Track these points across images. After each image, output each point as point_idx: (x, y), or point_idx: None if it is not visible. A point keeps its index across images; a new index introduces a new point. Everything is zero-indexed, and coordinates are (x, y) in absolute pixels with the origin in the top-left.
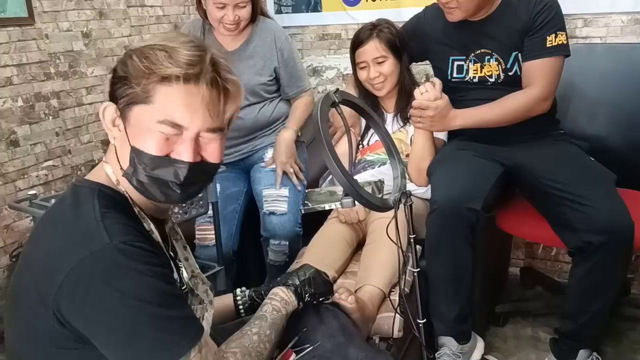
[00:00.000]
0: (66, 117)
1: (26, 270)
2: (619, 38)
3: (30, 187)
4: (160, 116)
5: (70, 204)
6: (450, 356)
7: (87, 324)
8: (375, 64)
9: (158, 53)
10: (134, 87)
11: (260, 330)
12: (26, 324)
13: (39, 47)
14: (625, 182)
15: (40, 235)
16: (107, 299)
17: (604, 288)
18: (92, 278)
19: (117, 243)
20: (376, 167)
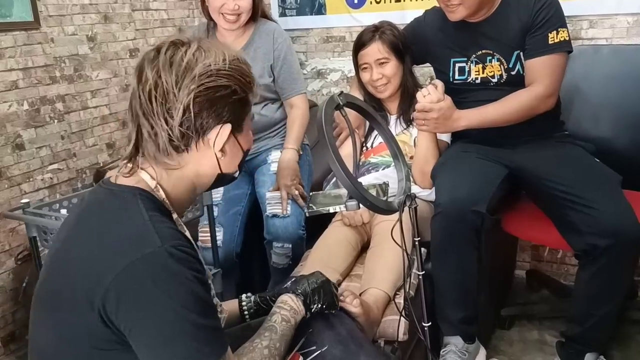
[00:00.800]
0: (71, 121)
1: (63, 273)
2: (625, 39)
3: (35, 190)
4: (251, 117)
5: (111, 205)
6: (456, 353)
7: (130, 324)
8: (377, 65)
9: (244, 66)
10: (248, 100)
11: (271, 344)
12: (63, 324)
13: (44, 51)
14: (631, 183)
15: (80, 237)
16: (154, 302)
17: (611, 291)
18: (143, 280)
19: (168, 247)
20: (380, 170)
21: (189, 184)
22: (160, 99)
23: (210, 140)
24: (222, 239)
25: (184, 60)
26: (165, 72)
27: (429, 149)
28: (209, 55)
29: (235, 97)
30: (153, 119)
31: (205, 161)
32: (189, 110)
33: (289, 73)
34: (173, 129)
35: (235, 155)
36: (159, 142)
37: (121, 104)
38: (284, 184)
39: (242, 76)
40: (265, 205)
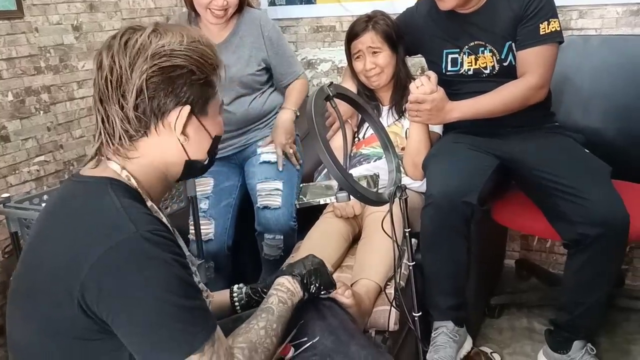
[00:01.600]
0: (57, 112)
1: (38, 267)
2: (614, 30)
3: (21, 182)
4: (220, 98)
5: (83, 196)
6: (446, 334)
7: (112, 312)
8: (370, 54)
9: (204, 48)
10: (210, 82)
11: (267, 324)
12: (43, 317)
13: (28, 40)
14: (620, 173)
15: (52, 230)
16: (133, 288)
17: (599, 279)
18: (120, 267)
19: (143, 232)
20: (372, 162)
21: (158, 174)
22: (115, 83)
23: (171, 124)
24: (214, 232)
25: (138, 42)
26: (119, 56)
27: (421, 141)
28: (165, 37)
29: (194, 77)
30: (108, 104)
31: (169, 147)
32: (142, 92)
33: (284, 58)
34: (128, 112)
35: (202, 141)
36: (114, 129)
37: None
38: (279, 142)
39: (201, 57)
40: (256, 196)
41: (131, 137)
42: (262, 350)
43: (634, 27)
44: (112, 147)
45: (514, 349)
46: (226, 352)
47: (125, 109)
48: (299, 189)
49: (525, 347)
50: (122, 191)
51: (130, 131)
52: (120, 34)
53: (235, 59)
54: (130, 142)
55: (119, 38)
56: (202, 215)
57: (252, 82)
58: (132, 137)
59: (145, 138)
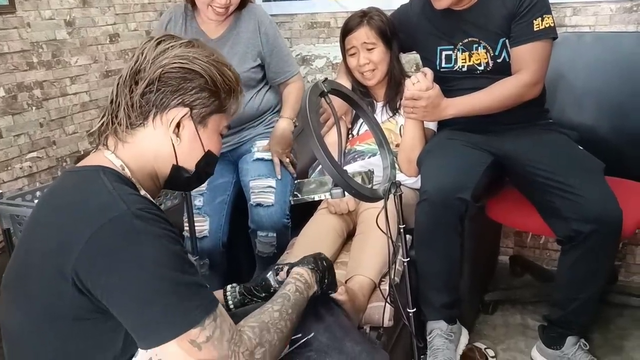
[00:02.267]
0: (50, 108)
1: (30, 253)
2: (608, 27)
3: (14, 179)
4: (227, 121)
5: (75, 184)
6: (442, 336)
7: (106, 289)
8: (365, 50)
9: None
10: (220, 99)
11: (282, 308)
12: (37, 302)
13: (20, 36)
14: (613, 170)
15: (47, 216)
16: (126, 264)
17: (593, 276)
18: (112, 243)
19: (135, 210)
20: (366, 158)
21: (149, 168)
22: (134, 70)
23: (169, 121)
24: (209, 229)
25: (169, 45)
26: (149, 50)
27: (415, 137)
28: (195, 48)
29: (206, 87)
30: (122, 88)
31: (162, 144)
32: (153, 82)
33: (280, 56)
34: (134, 97)
35: (193, 150)
36: (119, 110)
37: (102, 91)
38: (276, 151)
39: (221, 75)
40: (250, 194)
41: (132, 123)
42: (274, 330)
43: (628, 24)
44: (111, 126)
45: (508, 344)
46: (231, 327)
47: (133, 94)
48: (293, 186)
49: (519, 343)
50: (114, 177)
51: (132, 116)
52: (159, 36)
53: (231, 54)
54: (129, 128)
55: (155, 39)
56: (197, 212)
57: (247, 80)
58: (132, 124)
59: (142, 129)
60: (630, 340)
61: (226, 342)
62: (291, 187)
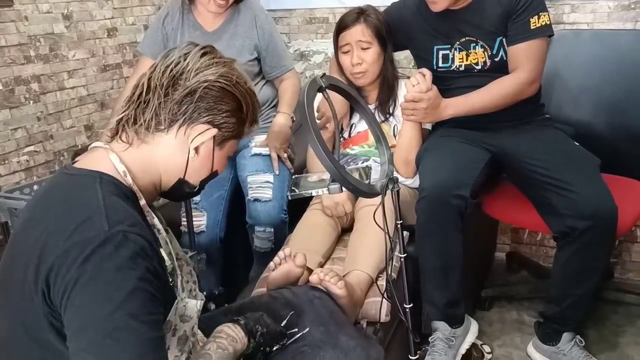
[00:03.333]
0: (47, 102)
1: (16, 257)
2: (606, 24)
3: (11, 173)
4: (237, 146)
5: (67, 189)
6: (443, 340)
7: (62, 304)
8: (359, 48)
9: (257, 102)
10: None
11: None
12: (17, 311)
13: (18, 29)
14: (609, 167)
15: (32, 222)
16: (80, 285)
17: (588, 272)
18: (76, 260)
19: (114, 232)
20: (359, 163)
21: (155, 174)
22: (173, 73)
23: (191, 135)
24: (206, 224)
25: (215, 59)
26: (192, 58)
27: (413, 138)
28: (237, 72)
29: (238, 114)
30: (155, 87)
31: (176, 155)
32: (192, 94)
33: (276, 51)
34: (169, 101)
35: (203, 168)
36: (147, 109)
37: (99, 85)
38: (273, 146)
39: (252, 105)
40: (247, 189)
41: (157, 124)
42: None
43: (625, 22)
44: (132, 126)
45: (504, 341)
46: None
47: (168, 97)
48: (291, 181)
49: (515, 339)
50: (111, 186)
51: (160, 118)
52: (202, 46)
53: (227, 47)
54: (150, 130)
55: (199, 47)
56: (194, 207)
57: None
58: (157, 126)
59: (163, 134)
60: (625, 336)
61: None
62: (289, 183)
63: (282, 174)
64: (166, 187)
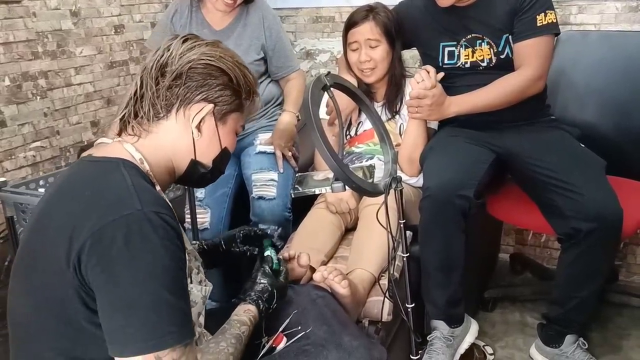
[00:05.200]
0: (54, 98)
1: (41, 237)
2: (613, 25)
3: (17, 168)
4: (242, 121)
5: (94, 174)
6: (441, 339)
7: (97, 283)
8: (367, 46)
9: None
10: (240, 99)
11: (236, 352)
12: (43, 288)
13: (26, 25)
14: (615, 169)
15: (58, 204)
16: (121, 264)
17: (592, 275)
18: (115, 239)
19: (148, 212)
20: (364, 161)
21: (167, 161)
22: (160, 63)
23: (191, 115)
24: (210, 221)
25: (196, 43)
26: (175, 46)
27: (419, 136)
28: (220, 49)
29: (230, 85)
30: (146, 79)
31: (181, 138)
32: (181, 76)
33: (283, 52)
34: (160, 89)
35: (211, 145)
36: (143, 101)
37: (106, 82)
38: (278, 144)
39: (244, 76)
40: (252, 187)
41: (156, 113)
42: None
43: (633, 24)
44: (135, 120)
45: (507, 342)
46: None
47: (159, 85)
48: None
49: (517, 341)
50: (134, 171)
51: (157, 107)
52: (184, 35)
53: (235, 46)
54: (151, 120)
55: (180, 37)
56: (198, 204)
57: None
58: (157, 114)
59: (164, 121)
60: (629, 340)
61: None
62: (293, 181)
63: (286, 172)
64: (181, 172)
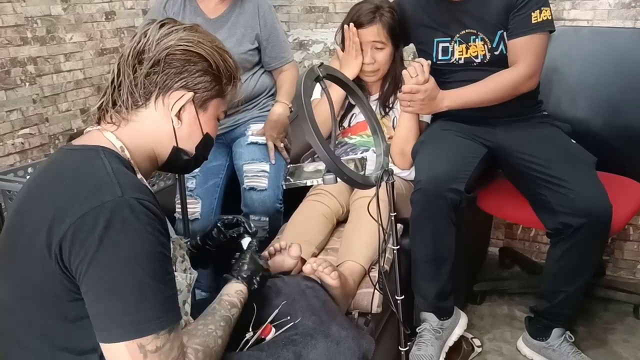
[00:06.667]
0: (43, 84)
1: (22, 226)
2: (606, 22)
3: (5, 155)
4: (224, 107)
5: (74, 162)
6: (430, 331)
7: (80, 270)
8: (373, 48)
9: (229, 59)
10: (221, 85)
11: (224, 335)
12: (22, 275)
13: (14, 9)
14: (605, 165)
15: (41, 191)
16: (105, 251)
17: (579, 269)
18: (96, 226)
19: (129, 198)
20: (358, 153)
21: (148, 150)
22: (137, 50)
23: (170, 104)
24: (200, 211)
25: (173, 28)
26: (152, 32)
27: (411, 130)
28: (198, 34)
29: (209, 71)
30: (124, 68)
31: (162, 126)
32: (158, 63)
33: (277, 42)
34: (138, 77)
35: (193, 133)
36: (121, 90)
37: (96, 69)
38: (270, 135)
39: (223, 61)
40: (243, 177)
41: (134, 103)
42: (215, 358)
43: (625, 20)
44: (113, 108)
45: (494, 335)
46: (180, 347)
47: (137, 73)
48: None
49: (505, 334)
50: (114, 158)
51: (135, 95)
52: (160, 20)
53: (228, 35)
54: (130, 108)
55: (158, 22)
56: (189, 194)
57: (243, 62)
58: (135, 103)
59: (144, 109)
60: (615, 334)
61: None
62: (284, 172)
63: (278, 164)
64: (163, 159)
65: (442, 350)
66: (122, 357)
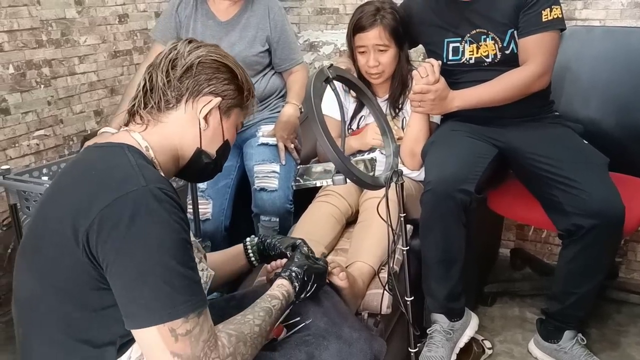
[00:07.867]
0: (58, 86)
1: (49, 218)
2: (618, 21)
3: (21, 156)
4: (243, 118)
5: (99, 156)
6: (441, 333)
7: (108, 259)
8: (376, 51)
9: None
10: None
11: (263, 324)
12: (49, 266)
13: (30, 13)
14: (618, 166)
15: (68, 185)
16: (131, 239)
17: (592, 271)
18: (122, 214)
19: (153, 188)
20: (365, 155)
21: (173, 151)
22: (171, 58)
23: (199, 107)
24: (211, 212)
25: (200, 44)
26: (182, 46)
27: (421, 130)
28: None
29: (235, 82)
30: (156, 72)
31: (189, 127)
32: (190, 69)
33: (287, 44)
34: (172, 80)
35: (215, 137)
36: (154, 92)
37: (109, 71)
38: (281, 136)
39: (245, 76)
40: (253, 178)
41: (166, 103)
42: (250, 345)
43: (638, 20)
44: (144, 109)
45: (505, 337)
46: (211, 330)
47: (170, 77)
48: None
49: (516, 336)
50: (138, 155)
51: (168, 96)
52: (186, 38)
53: (239, 38)
54: (162, 109)
55: (184, 40)
56: (200, 194)
57: (254, 64)
58: (167, 104)
59: (174, 111)
60: (628, 336)
61: (202, 342)
62: (294, 173)
63: (288, 164)
64: (185, 160)
65: (453, 351)
66: (155, 342)
